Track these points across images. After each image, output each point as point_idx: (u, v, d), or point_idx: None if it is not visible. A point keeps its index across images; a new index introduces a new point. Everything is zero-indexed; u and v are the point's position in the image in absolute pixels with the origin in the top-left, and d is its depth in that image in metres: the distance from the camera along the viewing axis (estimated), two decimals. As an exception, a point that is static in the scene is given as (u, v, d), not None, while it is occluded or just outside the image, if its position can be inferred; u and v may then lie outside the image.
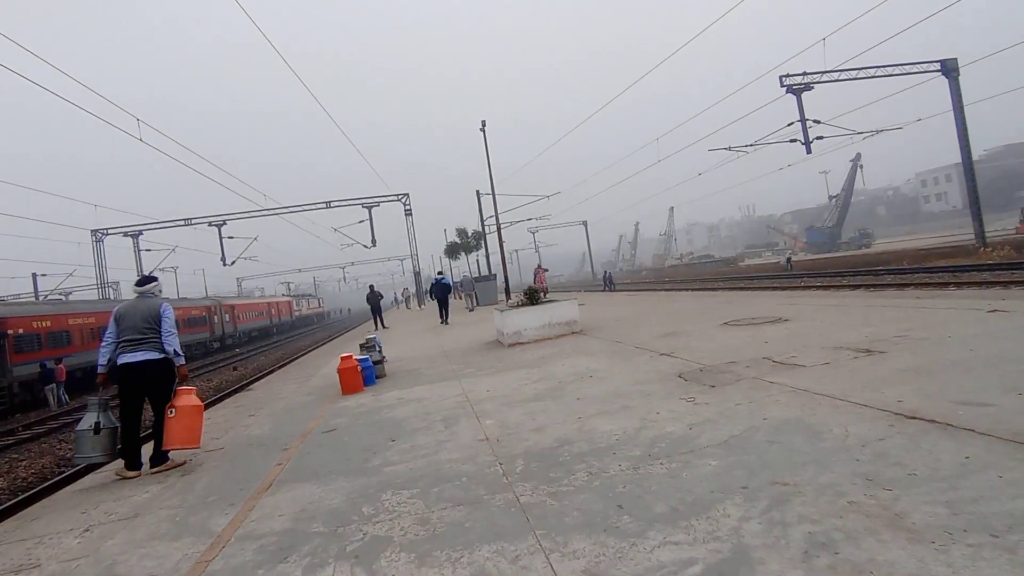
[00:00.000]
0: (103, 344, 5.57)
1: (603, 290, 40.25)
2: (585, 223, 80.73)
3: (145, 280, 5.94)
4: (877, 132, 30.28)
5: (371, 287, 24.28)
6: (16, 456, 11.97)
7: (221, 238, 34.23)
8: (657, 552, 2.44)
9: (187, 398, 5.55)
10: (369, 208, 34.31)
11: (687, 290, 28.08)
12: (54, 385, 19.50)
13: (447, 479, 3.85)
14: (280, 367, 19.87)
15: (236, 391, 15.35)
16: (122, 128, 17.17)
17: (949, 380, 4.32)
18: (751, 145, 32.74)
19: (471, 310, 26.48)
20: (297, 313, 69.34)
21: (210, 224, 33.80)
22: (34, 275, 41.82)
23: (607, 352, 8.24)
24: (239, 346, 43.19)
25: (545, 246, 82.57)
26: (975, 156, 32.27)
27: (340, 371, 8.20)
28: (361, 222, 34.61)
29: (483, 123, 24.43)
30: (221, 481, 4.74)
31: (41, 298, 40.28)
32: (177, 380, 5.62)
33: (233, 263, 36.06)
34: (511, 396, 6.24)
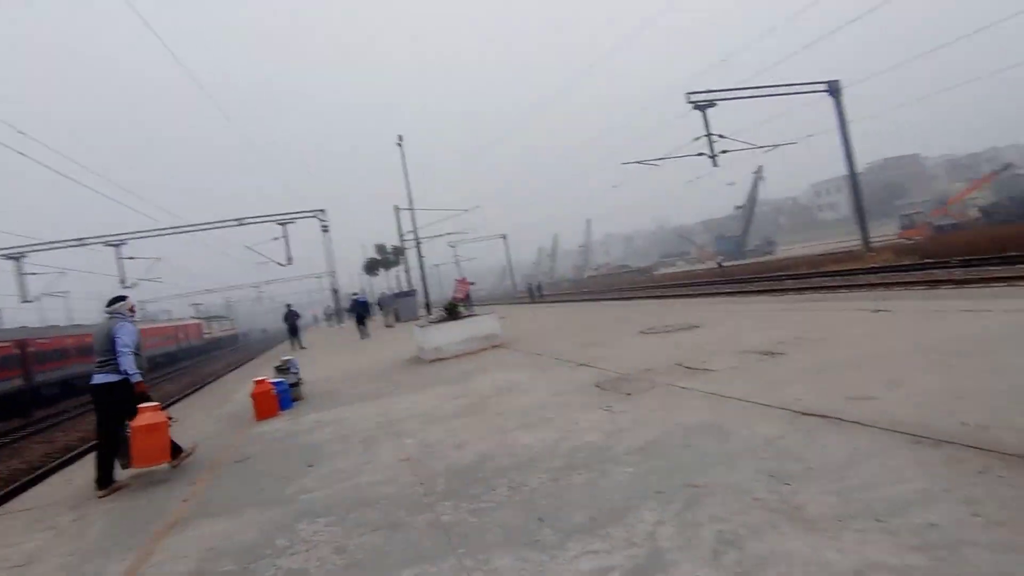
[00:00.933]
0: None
1: (531, 301, 40.72)
2: (504, 236, 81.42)
3: (112, 301, 5.98)
4: (774, 147, 32.53)
5: (288, 307, 23.80)
6: None
7: (119, 259, 31.84)
8: (577, 562, 2.47)
9: (144, 416, 5.44)
10: (283, 225, 33.01)
11: (605, 300, 28.88)
12: None
13: (366, 503, 3.74)
14: (189, 395, 18.67)
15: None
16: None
17: (840, 377, 4.67)
18: (661, 159, 34.30)
19: (391, 327, 26.19)
20: (207, 336, 65.44)
21: (107, 244, 31.37)
22: None
23: (528, 365, 8.32)
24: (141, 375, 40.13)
25: (466, 260, 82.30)
26: (859, 169, 35.28)
27: (254, 396, 7.80)
28: (276, 239, 33.20)
29: (399, 138, 24.24)
30: (119, 524, 4.37)
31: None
32: (135, 398, 5.56)
33: (134, 285, 33.57)
34: (432, 413, 6.16)
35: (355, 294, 24.22)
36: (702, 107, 30.88)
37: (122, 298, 6.04)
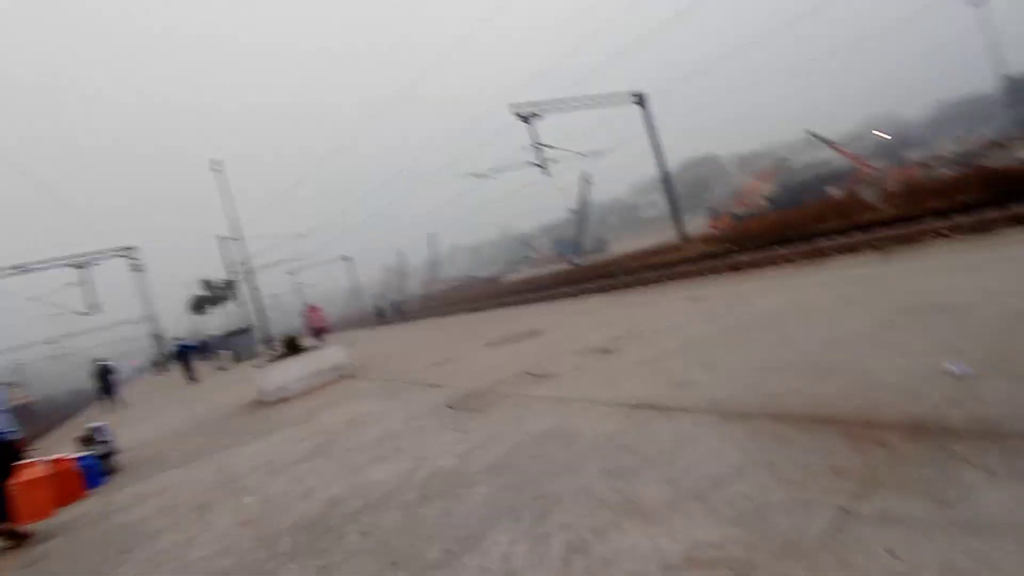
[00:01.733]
0: None
1: (383, 322, 39.61)
2: (347, 258, 78.75)
3: None
4: (595, 153, 35.15)
5: (95, 362, 20.85)
6: None
7: None
8: (432, 604, 2.38)
9: (25, 472, 5.73)
10: (81, 268, 28.77)
11: (456, 314, 29.04)
12: None
13: (198, 583, 3.31)
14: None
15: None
16: None
17: (666, 366, 5.08)
18: (492, 169, 35.42)
19: (224, 369, 24.12)
20: (-5, 409, 54.95)
21: None
22: None
23: (379, 393, 8.04)
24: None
25: (308, 286, 78.39)
26: (673, 168, 39.39)
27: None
28: (70, 285, 28.79)
29: (217, 163, 22.35)
30: None
31: None
32: (10, 455, 5.39)
33: None
34: (276, 462, 5.68)
35: (178, 339, 22.67)
36: (526, 118, 32.40)
37: None
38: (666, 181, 37.03)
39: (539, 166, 32.65)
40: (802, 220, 22.84)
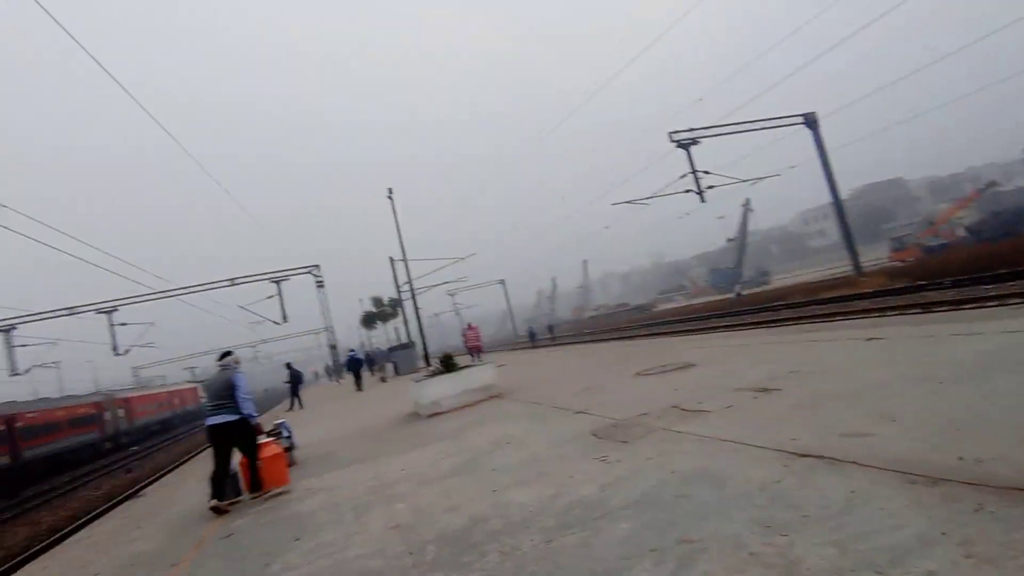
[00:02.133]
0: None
1: (531, 345, 40.54)
2: (502, 282, 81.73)
3: (223, 355, 7.21)
4: (759, 179, 33.10)
5: (288, 365, 23.84)
6: None
7: (112, 326, 31.72)
8: (566, 637, 2.33)
9: (267, 449, 7.03)
10: (277, 282, 33.06)
11: (605, 341, 28.74)
12: None
13: (353, 579, 3.57)
14: (182, 463, 18.23)
15: (126, 499, 13.86)
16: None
17: (835, 413, 4.57)
18: (650, 198, 34.82)
19: (384, 381, 26.31)
20: (204, 400, 64.60)
21: (98, 312, 31.29)
22: None
23: (525, 415, 8.16)
24: (137, 443, 39.40)
25: (465, 308, 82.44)
26: (844, 195, 35.87)
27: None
28: (270, 297, 33.18)
29: (390, 191, 24.54)
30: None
31: None
32: (255, 434, 6.83)
33: (127, 352, 33.39)
34: (426, 474, 5.99)
35: (351, 351, 25.74)
36: (685, 145, 31.51)
37: (230, 352, 7.25)
38: (839, 208, 33.76)
39: (697, 193, 31.53)
40: (1017, 253, 19.52)
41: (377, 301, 41.24)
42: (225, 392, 6.66)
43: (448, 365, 11.21)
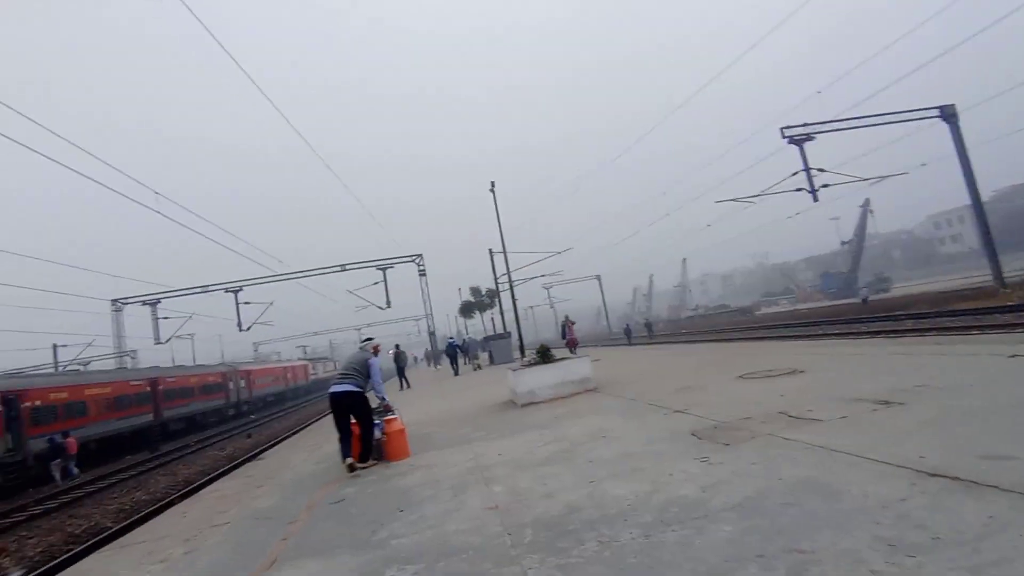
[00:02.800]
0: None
1: (627, 343, 40.00)
2: (598, 277, 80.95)
3: (366, 339, 8.18)
4: (882, 178, 30.47)
5: (397, 347, 25.49)
6: (26, 533, 11.81)
7: (237, 304, 34.72)
8: (668, 631, 2.32)
9: (393, 424, 7.62)
10: (383, 270, 34.75)
11: (703, 342, 27.75)
12: (60, 460, 19.35)
13: (453, 552, 3.73)
14: (294, 434, 19.68)
15: (247, 461, 15.19)
16: (140, 201, 17.82)
17: (972, 432, 4.17)
18: (757, 196, 33.06)
19: (478, 369, 27.22)
20: (313, 376, 69.23)
21: (226, 291, 34.35)
22: (55, 346, 42.46)
23: (620, 410, 8.09)
24: (254, 412, 43.00)
25: (559, 301, 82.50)
26: (984, 197, 32.22)
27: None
28: (376, 284, 34.96)
29: (492, 184, 24.97)
30: (224, 559, 4.63)
31: (61, 369, 40.67)
32: (380, 410, 7.78)
33: (249, 328, 36.38)
34: (522, 460, 6.10)
35: (450, 339, 27.55)
36: (798, 141, 29.62)
37: (371, 339, 8.16)
38: (979, 211, 30.39)
39: (810, 192, 29.58)
40: None
41: (475, 291, 42.23)
42: (355, 367, 7.44)
43: (545, 356, 11.31)
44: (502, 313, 39.80)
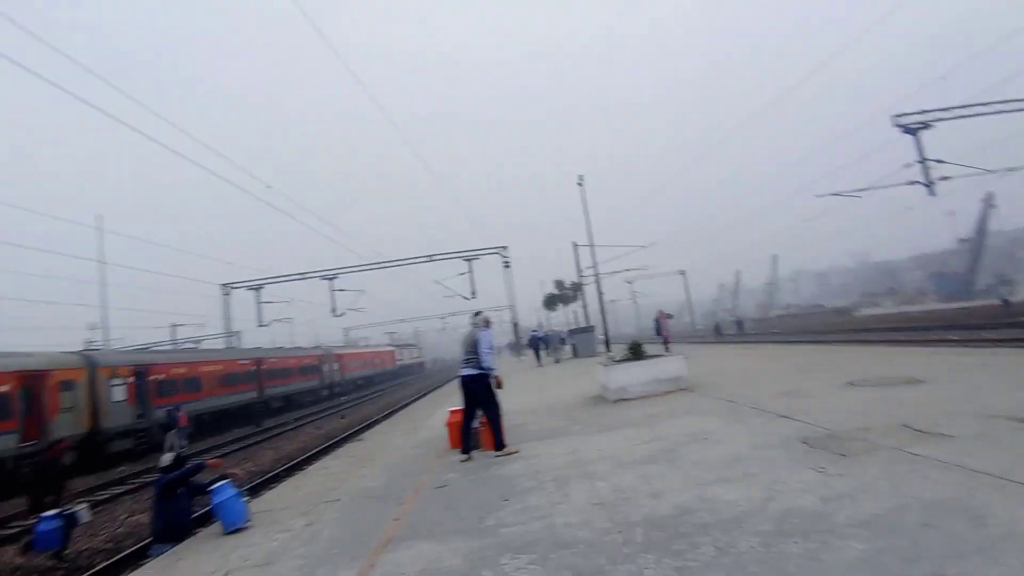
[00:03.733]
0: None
1: (715, 340, 38.79)
2: (683, 272, 78.69)
3: (475, 313, 8.01)
4: (1012, 171, 27.58)
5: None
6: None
7: (332, 291, 36.56)
8: (807, 646, 2.26)
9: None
10: (469, 261, 35.48)
11: (797, 343, 26.37)
12: (175, 431, 21.10)
13: (565, 545, 3.79)
14: (386, 417, 20.56)
15: (345, 440, 16.04)
16: (252, 192, 19.16)
17: None
18: (863, 190, 30.91)
19: (557, 362, 27.34)
20: (399, 362, 71.81)
21: (322, 278, 36.26)
22: (172, 325, 46.49)
23: (720, 412, 7.87)
24: (346, 394, 45.25)
25: (642, 296, 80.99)
26: None
27: (449, 425, 8.36)
28: (461, 274, 35.78)
29: (580, 178, 24.83)
30: (343, 534, 4.94)
31: (177, 347, 44.54)
32: (494, 393, 7.46)
33: (342, 314, 38.23)
34: (622, 457, 6.08)
35: (534, 330, 27.84)
36: (913, 130, 27.34)
37: (480, 312, 7.97)
38: None
39: (925, 185, 27.31)
40: None
41: (559, 284, 42.26)
42: (472, 347, 7.48)
43: (637, 352, 11.17)
44: (585, 307, 39.60)
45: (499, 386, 7.59)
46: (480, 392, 7.35)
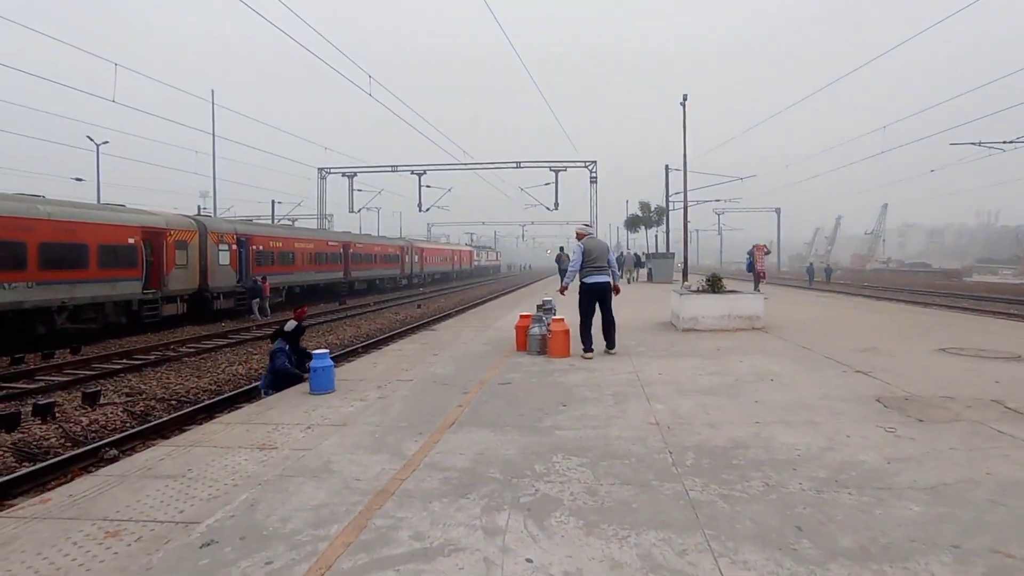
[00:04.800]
0: (572, 267, 8.40)
1: (808, 286, 37.09)
2: (778, 211, 74.20)
3: (585, 225, 8.72)
4: None
5: (561, 249, 26.95)
6: (252, 350, 14.50)
7: (420, 186, 37.22)
8: (841, 588, 2.31)
9: (559, 324, 7.96)
10: (556, 172, 34.87)
11: (892, 301, 24.75)
12: (259, 299, 22.79)
13: (616, 456, 3.95)
14: (459, 312, 21.36)
15: (420, 328, 16.91)
16: (355, 82, 19.34)
17: None
18: (1009, 142, 27.41)
19: (629, 282, 27.69)
20: (476, 263, 73.44)
21: (412, 172, 36.84)
22: (272, 202, 49.22)
23: (791, 357, 7.67)
24: (423, 286, 47.20)
25: (729, 230, 77.58)
26: None
27: (518, 328, 8.63)
28: (547, 184, 35.37)
29: (684, 97, 23.26)
30: (411, 411, 5.34)
31: (277, 222, 47.39)
32: (548, 307, 8.63)
33: (427, 210, 39.03)
34: (683, 384, 6.13)
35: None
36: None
37: (588, 224, 8.83)
38: None
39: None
40: None
41: (644, 206, 40.96)
42: (605, 259, 8.13)
43: (715, 285, 10.90)
44: (667, 232, 38.48)
45: (616, 292, 8.33)
46: (609, 297, 8.15)
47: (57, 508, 3.33)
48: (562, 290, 8.97)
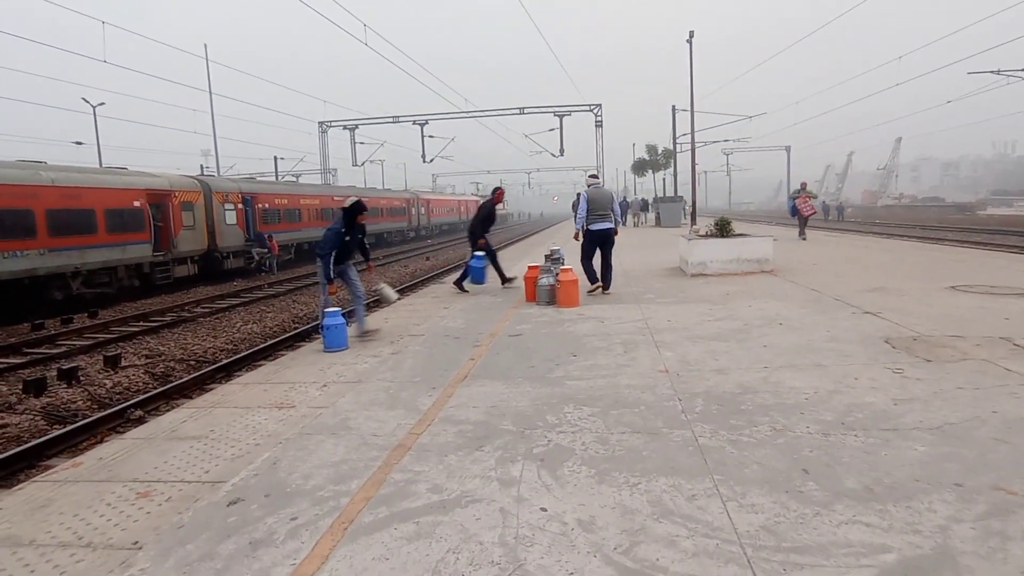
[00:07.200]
0: (580, 215, 8.84)
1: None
2: (788, 149, 72.56)
3: (591, 175, 9.37)
4: None
5: (579, 196, 26.38)
6: (264, 309, 14.65)
7: (423, 136, 36.63)
8: (844, 529, 2.39)
9: (567, 274, 8.07)
10: (560, 117, 34.11)
11: (904, 238, 24.47)
12: (261, 250, 22.76)
13: (626, 404, 4.03)
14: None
15: (429, 280, 16.99)
16: (350, 32, 18.80)
17: None
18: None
19: (636, 226, 28.63)
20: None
21: (414, 123, 36.16)
22: (275, 158, 48.68)
23: (800, 299, 7.67)
24: (431, 238, 47.09)
25: (738, 170, 76.23)
26: None
27: (526, 279, 8.66)
28: (551, 130, 34.66)
29: (691, 34, 22.45)
30: (424, 365, 5.44)
31: (280, 178, 47.03)
32: (556, 257, 9.18)
33: (431, 160, 38.53)
34: (692, 330, 6.18)
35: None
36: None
37: (595, 174, 9.54)
38: None
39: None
40: None
41: (651, 149, 40.19)
42: (607, 205, 8.67)
43: (724, 229, 10.82)
44: (675, 175, 37.91)
45: (615, 234, 8.84)
46: (611, 242, 8.72)
47: (88, 471, 3.47)
48: (576, 236, 9.29)
